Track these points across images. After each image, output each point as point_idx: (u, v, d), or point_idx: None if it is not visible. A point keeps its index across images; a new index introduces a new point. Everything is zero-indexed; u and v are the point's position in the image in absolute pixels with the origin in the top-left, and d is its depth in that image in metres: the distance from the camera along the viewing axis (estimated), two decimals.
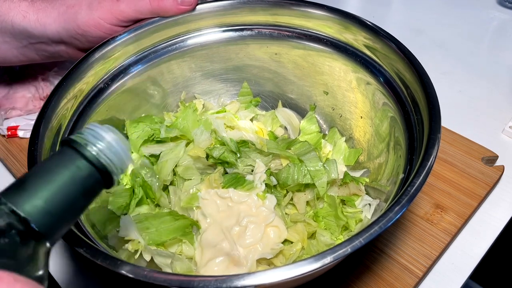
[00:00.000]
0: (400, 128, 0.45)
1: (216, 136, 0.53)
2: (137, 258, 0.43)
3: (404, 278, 0.45)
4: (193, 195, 0.48)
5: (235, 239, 0.44)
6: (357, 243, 0.31)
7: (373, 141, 0.51)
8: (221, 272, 0.42)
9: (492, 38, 0.80)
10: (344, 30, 0.51)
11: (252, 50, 0.56)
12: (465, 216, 0.50)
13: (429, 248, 0.47)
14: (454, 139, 0.58)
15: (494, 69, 0.72)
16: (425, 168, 0.35)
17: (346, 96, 0.54)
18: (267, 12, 0.54)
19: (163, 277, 0.30)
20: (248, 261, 0.43)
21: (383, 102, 0.48)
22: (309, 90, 0.57)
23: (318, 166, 0.48)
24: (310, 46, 0.54)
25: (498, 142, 0.60)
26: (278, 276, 0.29)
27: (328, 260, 0.30)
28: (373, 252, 0.47)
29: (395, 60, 0.46)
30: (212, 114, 0.56)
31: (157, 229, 0.44)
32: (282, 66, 0.57)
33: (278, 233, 0.45)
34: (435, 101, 0.40)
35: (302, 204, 0.48)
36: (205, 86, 0.59)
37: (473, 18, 0.83)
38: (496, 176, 0.53)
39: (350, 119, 0.54)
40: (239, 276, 0.29)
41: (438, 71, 0.71)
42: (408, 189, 0.34)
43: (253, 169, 0.51)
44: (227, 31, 0.55)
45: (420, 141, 0.40)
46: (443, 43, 0.78)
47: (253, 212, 0.46)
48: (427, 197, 0.52)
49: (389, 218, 0.32)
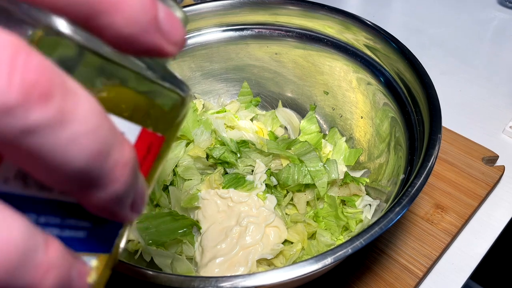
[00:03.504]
0: (400, 128, 0.45)
1: (216, 136, 0.53)
2: (137, 259, 0.43)
3: (404, 278, 0.45)
4: (193, 195, 0.48)
5: (235, 239, 0.44)
6: (358, 244, 0.31)
7: (373, 141, 0.51)
8: (221, 273, 0.42)
9: (493, 37, 0.80)
10: (345, 30, 0.50)
11: (252, 49, 0.56)
12: (466, 216, 0.50)
13: (429, 248, 0.47)
14: (455, 139, 0.58)
15: (494, 69, 0.72)
16: (426, 169, 0.35)
17: (347, 96, 0.54)
18: (268, 12, 0.53)
19: (163, 277, 0.30)
20: (248, 261, 0.43)
21: (383, 102, 0.48)
22: (310, 90, 0.57)
23: (319, 166, 0.48)
24: (310, 46, 0.54)
25: (499, 142, 0.60)
26: (279, 277, 0.29)
27: (328, 261, 0.30)
28: (373, 252, 0.47)
29: (396, 60, 0.46)
30: (212, 114, 0.56)
31: (157, 229, 0.44)
32: (282, 66, 0.57)
33: (278, 234, 0.45)
34: (436, 101, 0.40)
35: (302, 204, 0.48)
36: (205, 86, 0.59)
37: (474, 18, 0.83)
38: (497, 176, 0.53)
39: (351, 119, 0.54)
40: (240, 277, 0.29)
41: (439, 71, 0.71)
42: (409, 189, 0.34)
43: (253, 169, 0.51)
44: (227, 31, 0.55)
45: (420, 141, 0.40)
46: (443, 43, 0.78)
47: (253, 212, 0.46)
48: (427, 197, 0.52)
49: (390, 219, 0.32)
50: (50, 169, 0.13)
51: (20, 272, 0.13)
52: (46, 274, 0.13)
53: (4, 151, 0.12)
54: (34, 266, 0.13)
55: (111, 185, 0.14)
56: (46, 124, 0.12)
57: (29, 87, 0.11)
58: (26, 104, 0.11)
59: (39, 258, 0.13)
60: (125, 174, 0.14)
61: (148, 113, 0.18)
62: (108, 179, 0.14)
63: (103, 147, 0.13)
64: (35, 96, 0.11)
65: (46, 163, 0.12)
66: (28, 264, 0.13)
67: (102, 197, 0.14)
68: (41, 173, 0.13)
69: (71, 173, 0.13)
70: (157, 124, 0.19)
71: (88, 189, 0.14)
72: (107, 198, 0.14)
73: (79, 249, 0.16)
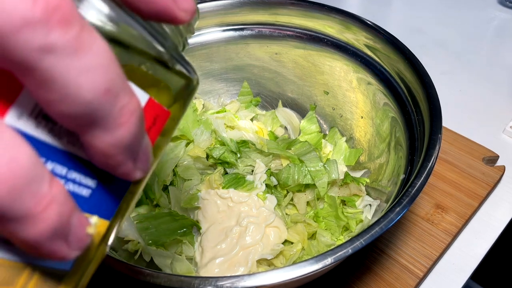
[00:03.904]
0: (401, 128, 0.44)
1: (216, 136, 0.53)
2: (137, 259, 0.43)
3: (404, 279, 0.45)
4: (193, 195, 0.48)
5: (235, 239, 0.44)
6: (358, 244, 0.31)
7: (373, 141, 0.51)
8: (221, 273, 0.42)
9: (493, 37, 0.80)
10: (345, 30, 0.50)
11: (252, 49, 0.56)
12: (466, 216, 0.50)
13: (429, 249, 0.47)
14: (455, 139, 0.58)
15: (495, 69, 0.72)
16: (426, 169, 0.35)
17: (347, 96, 0.53)
18: (268, 12, 0.53)
19: (163, 277, 0.30)
20: (248, 261, 0.43)
21: (384, 102, 0.48)
22: (310, 90, 0.57)
23: (319, 166, 0.48)
24: (310, 45, 0.53)
25: (499, 142, 0.60)
26: (279, 277, 0.29)
27: (329, 261, 0.30)
28: (373, 252, 0.47)
29: (396, 60, 0.46)
30: (212, 114, 0.56)
31: (157, 229, 0.44)
32: (282, 66, 0.57)
33: (279, 234, 0.45)
34: (436, 101, 0.40)
35: (303, 204, 0.48)
36: (205, 86, 0.58)
37: (474, 18, 0.83)
38: (497, 176, 0.53)
39: (351, 119, 0.54)
40: (240, 277, 0.29)
41: (439, 71, 0.71)
42: (409, 189, 0.34)
43: (253, 169, 0.51)
44: (227, 31, 0.55)
45: (421, 141, 0.40)
46: (443, 42, 0.78)
47: (253, 212, 0.46)
48: (427, 197, 0.52)
49: (390, 219, 0.32)
50: (61, 97, 0.13)
51: (22, 196, 0.13)
52: (47, 207, 0.14)
53: (21, 71, 0.13)
54: (37, 195, 0.13)
55: (117, 128, 0.15)
56: (63, 46, 0.13)
57: (52, 10, 0.12)
58: (47, 23, 0.12)
59: (43, 189, 0.13)
60: (131, 122, 0.15)
61: (156, 86, 0.19)
62: (114, 121, 0.15)
63: (112, 87, 0.14)
64: (56, 19, 0.12)
65: (58, 89, 0.13)
66: (31, 191, 0.13)
67: (107, 140, 0.15)
68: (52, 102, 0.14)
69: (80, 105, 0.14)
70: (164, 99, 0.19)
71: (94, 127, 0.14)
72: (112, 142, 0.15)
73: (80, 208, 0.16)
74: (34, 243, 0.14)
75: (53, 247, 0.14)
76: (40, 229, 0.14)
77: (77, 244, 0.15)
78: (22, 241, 0.14)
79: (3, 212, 0.13)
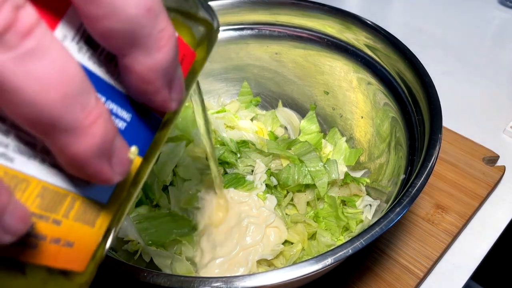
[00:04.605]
0: (401, 128, 0.44)
1: (216, 136, 0.53)
2: (137, 259, 0.43)
3: (404, 279, 0.45)
4: (193, 195, 0.48)
5: (236, 240, 0.44)
6: (358, 244, 0.31)
7: (374, 141, 0.51)
8: (221, 273, 0.42)
9: (493, 37, 0.80)
10: (345, 30, 0.50)
11: (252, 49, 0.56)
12: (466, 216, 0.50)
13: (430, 249, 0.47)
14: (455, 139, 0.57)
15: (495, 69, 0.72)
16: (426, 169, 0.35)
17: (347, 96, 0.53)
18: (268, 12, 0.53)
19: (163, 277, 0.30)
20: (248, 262, 0.42)
21: (384, 102, 0.48)
22: (310, 89, 0.57)
23: (319, 167, 0.47)
24: (310, 45, 0.53)
25: (499, 142, 0.60)
26: (279, 277, 0.29)
27: (329, 262, 0.30)
28: (373, 252, 0.47)
29: (396, 60, 0.46)
30: (212, 114, 0.56)
31: (157, 229, 0.44)
32: (282, 66, 0.57)
33: (279, 234, 0.45)
34: (436, 101, 0.40)
35: (303, 204, 0.48)
36: (205, 86, 0.58)
37: (474, 18, 0.83)
38: (497, 176, 0.53)
39: (351, 119, 0.54)
40: (240, 277, 0.29)
41: (439, 71, 0.71)
42: (409, 190, 0.34)
43: (253, 169, 0.51)
44: (227, 30, 0.55)
45: (421, 141, 0.40)
46: (444, 42, 0.78)
47: (253, 212, 0.46)
48: (428, 198, 0.52)
49: (390, 219, 0.32)
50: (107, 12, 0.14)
51: (74, 105, 0.13)
52: (96, 121, 0.14)
53: None
54: (86, 107, 0.14)
55: (157, 51, 0.15)
56: None
57: None
58: None
59: (91, 103, 0.14)
60: (169, 46, 0.16)
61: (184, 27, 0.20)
62: (155, 43, 0.15)
63: (154, 7, 0.15)
64: None
65: (105, 3, 0.14)
66: (81, 102, 0.13)
67: (147, 63, 0.16)
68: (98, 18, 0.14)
69: (125, 21, 0.14)
70: (191, 40, 0.21)
71: (136, 49, 0.15)
72: (151, 65, 0.16)
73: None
74: (82, 159, 0.14)
75: (99, 167, 0.15)
76: (89, 143, 0.14)
77: (120, 167, 0.15)
78: (70, 158, 0.14)
79: (55, 121, 0.13)
